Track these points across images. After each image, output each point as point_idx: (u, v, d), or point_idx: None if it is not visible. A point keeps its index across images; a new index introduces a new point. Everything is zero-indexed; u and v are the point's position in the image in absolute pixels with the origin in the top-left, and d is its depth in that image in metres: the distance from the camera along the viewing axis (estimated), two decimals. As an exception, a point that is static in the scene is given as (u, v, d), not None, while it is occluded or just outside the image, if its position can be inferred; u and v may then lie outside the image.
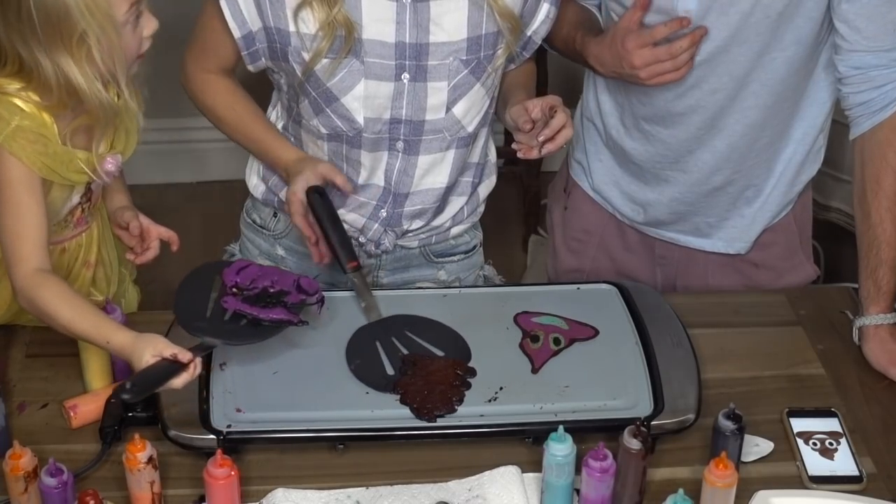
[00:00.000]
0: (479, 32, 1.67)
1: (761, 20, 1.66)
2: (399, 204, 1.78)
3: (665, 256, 1.97)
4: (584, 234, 2.03)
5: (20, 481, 1.33)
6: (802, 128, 1.81)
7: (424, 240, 1.85)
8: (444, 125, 1.71)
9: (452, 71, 1.67)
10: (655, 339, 1.62)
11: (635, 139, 1.86)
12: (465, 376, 1.56)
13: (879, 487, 1.46)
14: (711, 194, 1.86)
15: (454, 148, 1.75)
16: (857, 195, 1.74)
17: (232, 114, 1.78)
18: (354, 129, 1.70)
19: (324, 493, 1.41)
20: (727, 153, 1.80)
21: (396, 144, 1.72)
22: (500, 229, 3.04)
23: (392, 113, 1.69)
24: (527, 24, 1.75)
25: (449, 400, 1.52)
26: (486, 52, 1.69)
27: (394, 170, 1.74)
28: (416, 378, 1.55)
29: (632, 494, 1.38)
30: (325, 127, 1.72)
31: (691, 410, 1.51)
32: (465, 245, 1.91)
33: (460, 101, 1.70)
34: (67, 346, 1.59)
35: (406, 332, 1.64)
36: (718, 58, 1.70)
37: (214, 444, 1.43)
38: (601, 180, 1.96)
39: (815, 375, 1.66)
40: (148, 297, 2.06)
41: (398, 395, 1.52)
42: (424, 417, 1.49)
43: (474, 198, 1.86)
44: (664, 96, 1.77)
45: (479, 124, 1.75)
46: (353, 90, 1.67)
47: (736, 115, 1.76)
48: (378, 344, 1.62)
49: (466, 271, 1.93)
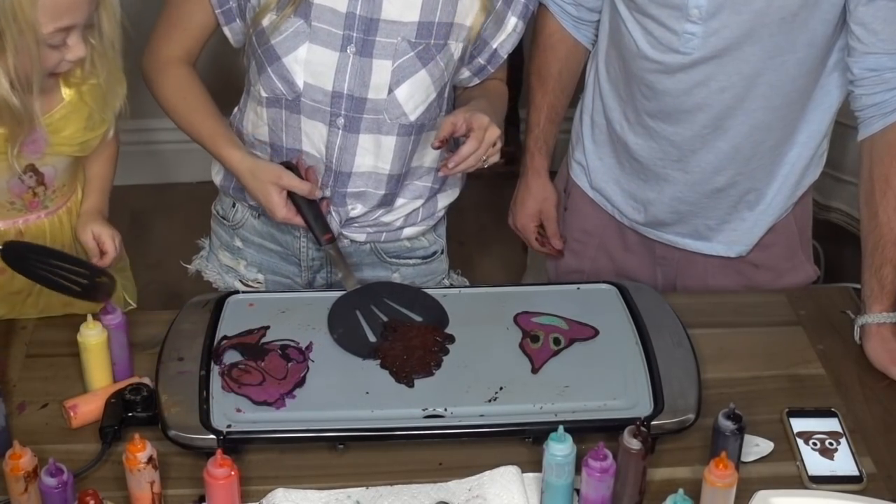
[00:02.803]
0: (431, 19, 1.68)
1: (775, 21, 1.65)
2: (342, 184, 1.78)
3: (665, 257, 1.97)
4: (584, 235, 2.03)
5: (20, 481, 1.32)
6: (807, 131, 1.81)
7: (373, 234, 1.85)
8: (384, 106, 1.71)
9: (399, 51, 1.68)
10: (655, 339, 1.62)
11: (638, 135, 1.85)
12: (443, 342, 1.60)
13: (879, 487, 1.46)
14: (713, 195, 1.86)
15: (395, 134, 1.74)
16: (863, 194, 1.74)
17: (183, 104, 1.77)
18: (294, 93, 1.71)
19: (324, 493, 1.41)
20: (731, 154, 1.80)
21: (337, 121, 1.73)
22: (501, 229, 3.04)
23: (335, 85, 1.69)
24: (492, 35, 1.75)
25: (427, 365, 1.56)
26: (436, 41, 1.69)
27: (335, 147, 1.75)
28: (396, 343, 1.59)
29: (632, 494, 1.38)
30: (266, 89, 1.72)
31: (691, 410, 1.51)
32: (423, 250, 1.92)
33: (403, 83, 1.70)
34: (67, 347, 1.60)
35: (384, 300, 1.68)
36: (728, 56, 1.69)
37: (214, 444, 1.43)
38: (602, 178, 1.96)
39: (815, 375, 1.66)
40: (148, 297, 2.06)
41: (378, 361, 1.57)
42: (403, 381, 1.54)
43: (431, 203, 1.86)
44: (670, 92, 1.76)
45: (424, 115, 1.74)
46: (296, 51, 1.68)
47: (742, 115, 1.75)
48: (358, 313, 1.65)
49: (424, 277, 1.93)
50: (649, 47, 1.74)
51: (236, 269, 1.92)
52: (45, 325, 1.72)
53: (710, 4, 1.65)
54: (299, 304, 1.70)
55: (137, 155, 3.63)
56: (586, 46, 1.94)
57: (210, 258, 1.96)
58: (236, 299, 1.71)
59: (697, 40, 1.69)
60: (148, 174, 3.66)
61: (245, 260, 1.91)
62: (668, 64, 1.73)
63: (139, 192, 3.62)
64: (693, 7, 1.66)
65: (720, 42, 1.68)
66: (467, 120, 1.64)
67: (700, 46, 1.69)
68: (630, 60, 1.79)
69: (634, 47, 1.76)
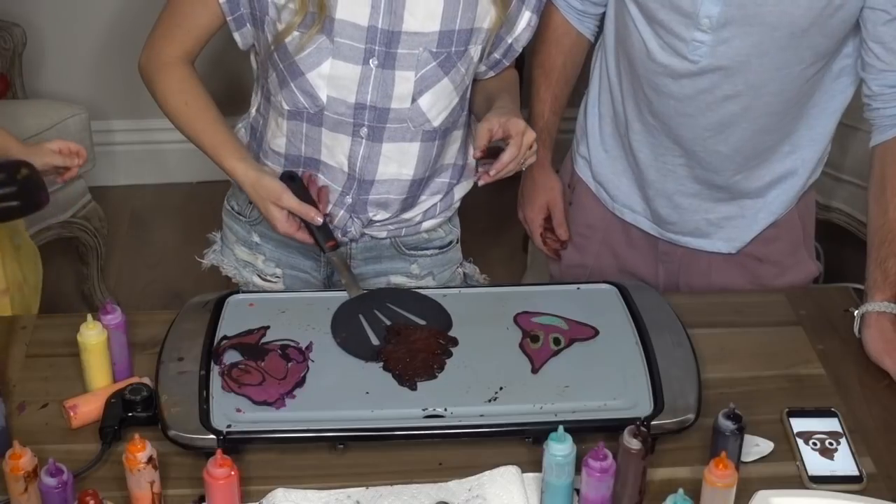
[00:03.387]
0: (452, 27, 1.67)
1: (785, 35, 1.65)
2: (364, 191, 1.78)
3: (668, 253, 1.97)
4: (588, 230, 2.03)
5: (20, 481, 1.32)
6: (810, 136, 1.81)
7: (393, 231, 1.85)
8: (408, 115, 1.71)
9: (421, 62, 1.68)
10: (655, 339, 1.62)
11: (639, 132, 1.86)
12: (446, 345, 1.60)
13: (879, 487, 1.46)
14: (714, 192, 1.86)
15: (419, 140, 1.74)
16: (873, 193, 1.75)
17: (185, 109, 1.75)
18: (317, 107, 1.70)
19: (324, 493, 1.41)
20: (731, 155, 1.80)
21: (360, 131, 1.72)
22: (501, 229, 3.04)
23: (358, 98, 1.69)
24: (508, 30, 1.75)
25: (430, 367, 1.56)
26: (457, 48, 1.69)
27: (357, 156, 1.74)
28: (399, 346, 1.59)
29: (632, 494, 1.38)
30: (288, 102, 1.72)
31: (691, 410, 1.51)
32: (440, 240, 1.92)
33: (426, 92, 1.70)
34: (67, 347, 1.60)
35: (387, 304, 1.68)
36: (736, 67, 1.69)
37: (214, 444, 1.43)
38: (607, 172, 1.96)
39: (815, 375, 1.66)
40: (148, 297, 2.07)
41: (381, 363, 1.57)
42: (406, 384, 1.54)
43: (448, 197, 1.87)
44: (675, 96, 1.76)
45: (447, 120, 1.75)
46: (319, 67, 1.67)
47: (745, 121, 1.76)
48: (361, 317, 1.66)
49: (441, 266, 1.92)
50: (658, 49, 1.74)
51: (254, 263, 1.91)
52: (45, 325, 1.72)
53: (721, 16, 1.65)
54: (299, 303, 1.70)
55: (137, 155, 3.63)
56: (589, 38, 1.95)
57: (225, 252, 1.95)
58: (236, 299, 1.71)
59: (706, 49, 1.69)
60: (148, 174, 3.67)
61: (263, 255, 1.90)
62: (674, 69, 1.74)
63: (139, 192, 3.63)
64: (704, 17, 1.66)
65: (728, 52, 1.68)
66: (503, 125, 1.64)
67: (708, 55, 1.69)
68: (637, 60, 1.79)
69: (643, 48, 1.76)
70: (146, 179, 3.66)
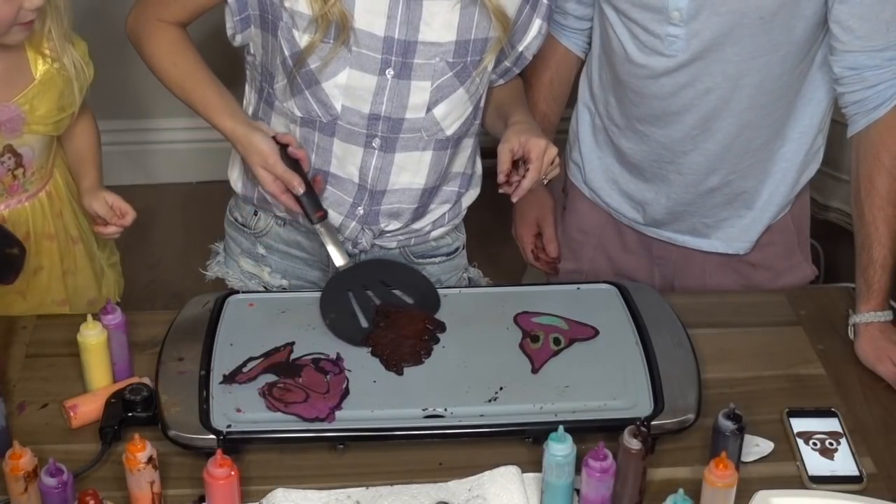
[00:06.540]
0: (468, 37, 1.67)
1: (754, 20, 1.65)
2: (376, 202, 1.77)
3: (662, 256, 1.97)
4: (582, 235, 2.03)
5: (20, 481, 1.33)
6: (799, 128, 1.81)
7: (403, 241, 1.85)
8: (422, 125, 1.71)
9: (437, 72, 1.67)
10: (655, 339, 1.62)
11: (630, 139, 1.86)
12: (434, 330, 1.63)
13: (879, 487, 1.46)
14: (708, 195, 1.86)
15: (431, 149, 1.74)
16: (853, 194, 1.74)
17: (174, 69, 1.72)
18: (330, 116, 1.69)
19: (324, 493, 1.41)
20: (722, 154, 1.80)
21: (373, 141, 1.71)
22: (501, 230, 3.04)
23: (372, 108, 1.68)
24: (519, 39, 1.75)
25: (417, 353, 1.59)
26: (472, 58, 1.68)
27: (370, 167, 1.73)
28: (387, 331, 1.61)
29: (632, 494, 1.38)
30: (301, 110, 1.70)
31: (691, 410, 1.51)
32: (447, 247, 1.91)
33: (442, 102, 1.69)
34: (67, 347, 1.60)
35: (378, 280, 1.70)
36: (711, 57, 1.70)
37: (214, 444, 1.43)
38: (600, 177, 1.96)
39: (815, 375, 1.66)
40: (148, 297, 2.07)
41: (369, 349, 1.59)
42: (393, 369, 1.56)
43: (457, 206, 1.86)
44: (657, 96, 1.77)
45: (460, 129, 1.74)
46: (336, 77, 1.66)
47: (729, 116, 1.76)
48: (350, 294, 1.67)
49: (448, 273, 1.92)
50: (636, 50, 1.75)
51: (260, 275, 1.90)
52: (45, 325, 1.72)
53: (690, 6, 1.66)
54: (300, 304, 1.70)
55: (137, 155, 3.63)
56: (577, 55, 1.95)
57: (229, 264, 1.93)
58: (236, 299, 1.71)
59: (681, 42, 1.70)
60: (148, 174, 3.66)
61: (269, 267, 1.89)
62: (653, 68, 1.74)
63: (139, 192, 3.62)
64: (674, 10, 1.67)
65: (702, 43, 1.69)
66: (523, 144, 1.63)
67: (684, 48, 1.70)
68: (618, 65, 1.80)
69: (622, 51, 1.77)
70: (146, 179, 3.66)
